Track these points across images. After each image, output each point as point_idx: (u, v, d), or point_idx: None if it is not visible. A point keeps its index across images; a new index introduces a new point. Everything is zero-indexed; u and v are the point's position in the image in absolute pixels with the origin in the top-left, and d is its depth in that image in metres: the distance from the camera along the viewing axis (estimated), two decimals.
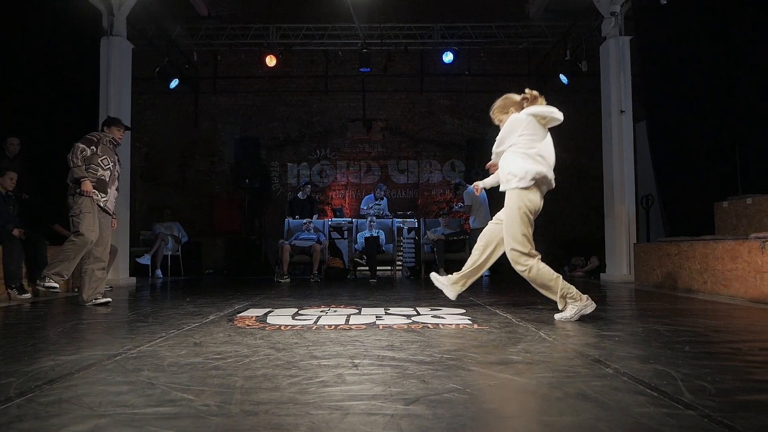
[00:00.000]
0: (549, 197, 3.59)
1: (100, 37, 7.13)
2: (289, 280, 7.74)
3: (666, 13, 6.61)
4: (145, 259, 8.65)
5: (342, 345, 2.55)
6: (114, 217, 4.89)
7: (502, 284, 7.00)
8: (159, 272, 8.84)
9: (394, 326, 3.15)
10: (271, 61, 10.07)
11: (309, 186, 9.66)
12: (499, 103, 3.75)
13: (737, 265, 4.74)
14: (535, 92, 3.60)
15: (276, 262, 8.61)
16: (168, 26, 9.46)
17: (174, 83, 9.64)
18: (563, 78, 9.26)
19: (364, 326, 3.15)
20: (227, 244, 10.32)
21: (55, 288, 4.54)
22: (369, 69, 9.65)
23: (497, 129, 3.68)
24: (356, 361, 2.19)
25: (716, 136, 6.47)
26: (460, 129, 10.74)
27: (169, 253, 9.10)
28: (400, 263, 8.91)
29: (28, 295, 5.11)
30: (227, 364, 2.13)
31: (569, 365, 2.09)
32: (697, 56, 6.60)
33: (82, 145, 4.55)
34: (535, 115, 3.47)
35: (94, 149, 4.60)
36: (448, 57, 10.01)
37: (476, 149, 9.93)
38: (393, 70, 10.52)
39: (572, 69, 8.94)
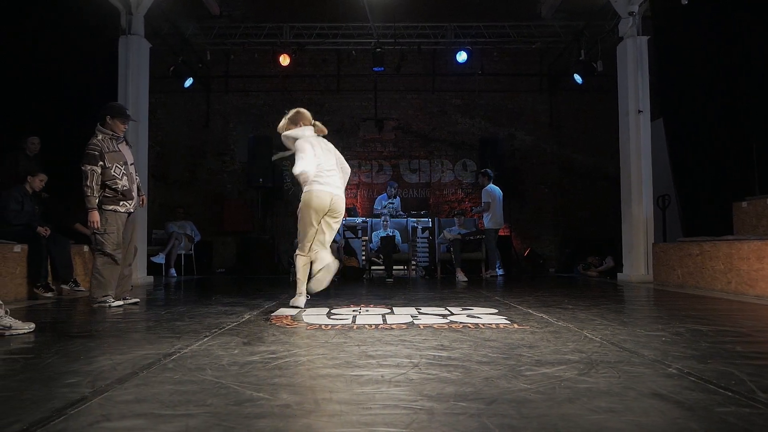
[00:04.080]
0: (561, 197, 3.58)
1: (118, 35, 7.12)
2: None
3: (685, 13, 6.61)
4: (159, 258, 8.64)
5: (392, 344, 2.55)
6: (141, 194, 4.70)
7: (514, 284, 7.00)
8: (173, 271, 8.84)
9: (434, 326, 3.14)
10: (285, 60, 10.06)
11: None
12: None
13: (764, 265, 4.74)
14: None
15: (291, 262, 8.59)
16: (181, 25, 9.44)
17: (188, 82, 9.62)
18: (577, 77, 9.24)
19: (404, 326, 3.15)
20: (239, 244, 10.31)
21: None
22: (383, 68, 9.64)
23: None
24: (414, 360, 2.19)
25: (734, 135, 6.45)
26: (472, 129, 10.72)
27: (182, 252, 9.10)
28: (414, 263, 8.90)
29: (54, 293, 5.13)
30: (287, 364, 2.12)
31: (630, 365, 2.09)
32: (716, 56, 6.59)
33: (89, 167, 4.20)
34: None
35: (102, 164, 4.26)
36: (462, 56, 10.00)
37: (488, 149, 9.93)
38: (405, 69, 10.50)
39: (586, 69, 8.92)
